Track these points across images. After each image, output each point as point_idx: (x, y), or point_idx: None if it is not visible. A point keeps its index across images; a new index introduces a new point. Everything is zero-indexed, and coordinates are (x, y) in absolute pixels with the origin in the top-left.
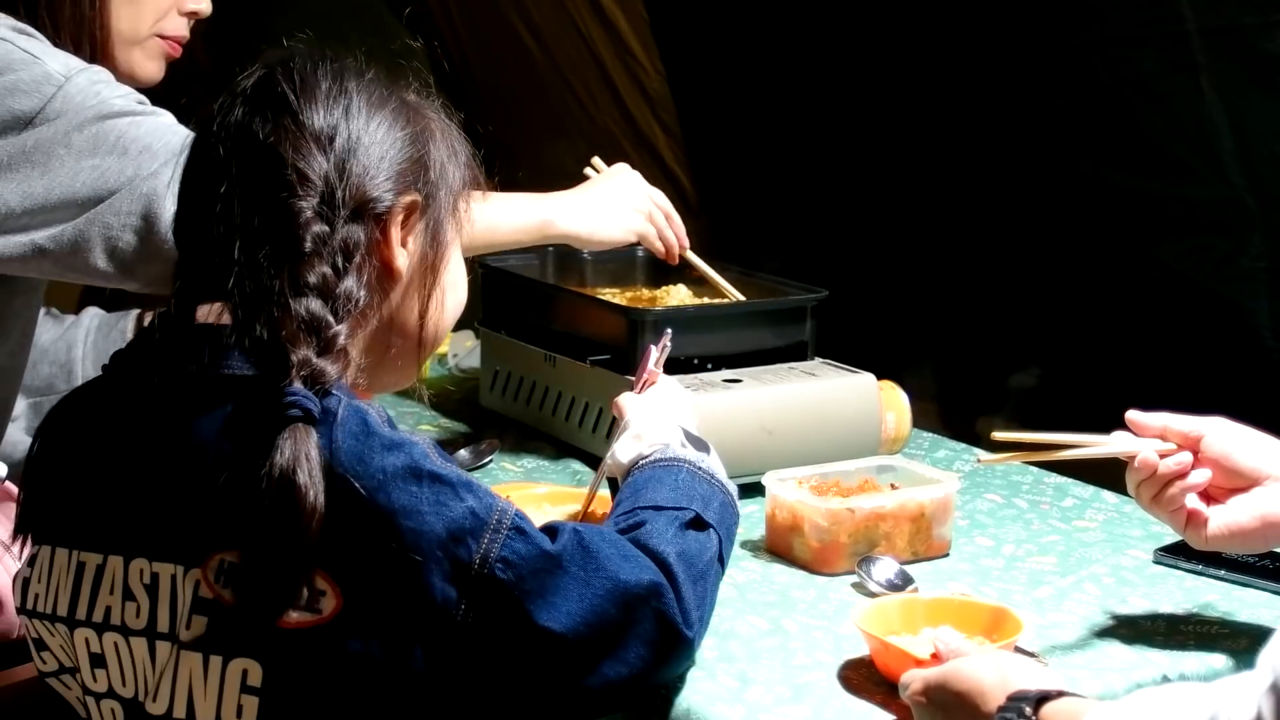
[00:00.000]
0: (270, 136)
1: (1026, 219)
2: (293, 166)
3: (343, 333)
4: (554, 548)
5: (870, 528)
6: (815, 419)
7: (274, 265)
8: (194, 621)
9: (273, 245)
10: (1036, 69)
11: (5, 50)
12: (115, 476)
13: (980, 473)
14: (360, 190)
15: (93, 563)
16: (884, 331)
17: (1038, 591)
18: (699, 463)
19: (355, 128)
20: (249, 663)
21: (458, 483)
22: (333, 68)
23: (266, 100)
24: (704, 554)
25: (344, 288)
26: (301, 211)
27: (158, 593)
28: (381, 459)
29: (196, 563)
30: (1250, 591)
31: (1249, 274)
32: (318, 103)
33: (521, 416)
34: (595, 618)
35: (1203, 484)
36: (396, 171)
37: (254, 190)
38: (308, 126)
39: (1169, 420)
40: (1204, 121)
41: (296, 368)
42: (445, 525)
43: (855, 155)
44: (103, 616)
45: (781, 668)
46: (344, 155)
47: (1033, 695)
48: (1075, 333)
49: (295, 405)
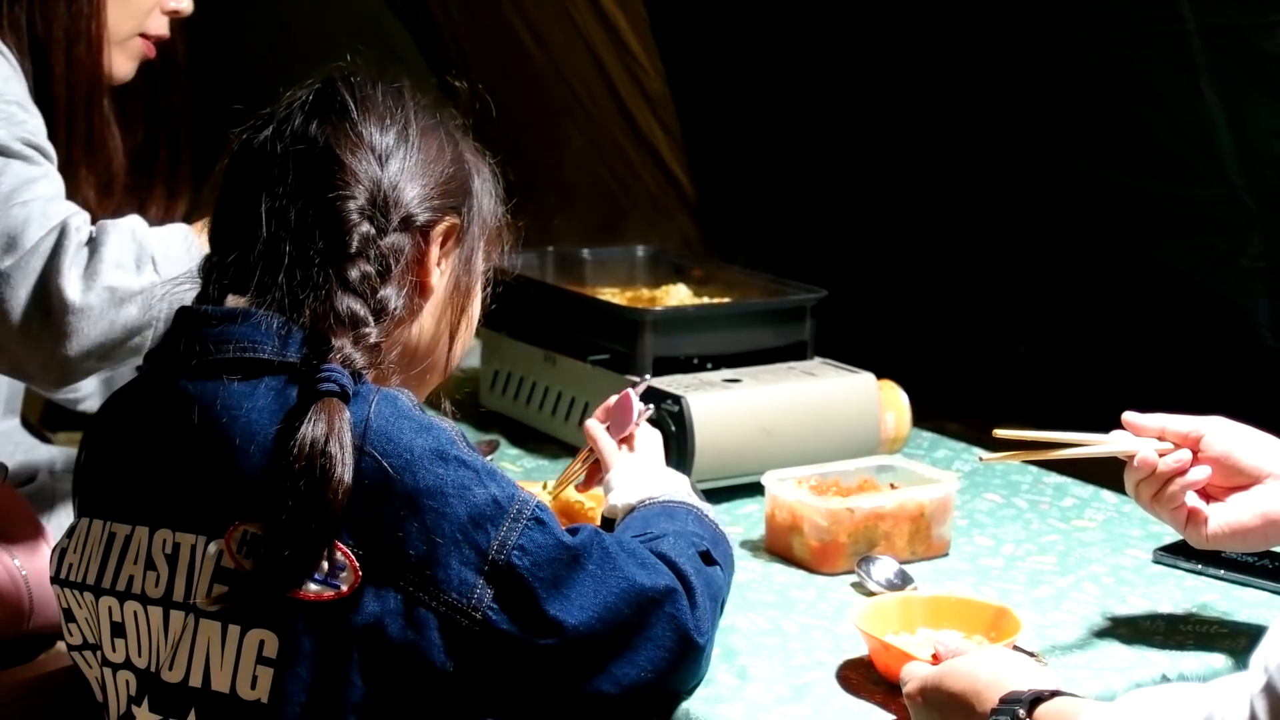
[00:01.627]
0: (328, 139)
1: (1026, 219)
2: (348, 169)
3: (375, 333)
4: (573, 541)
5: (870, 527)
6: (815, 419)
7: (322, 259)
8: (214, 590)
9: (323, 241)
10: (1036, 69)
11: None
12: (149, 451)
13: (979, 472)
14: (406, 201)
15: (122, 533)
16: (884, 331)
17: (1037, 591)
18: (706, 511)
19: (408, 143)
20: (265, 633)
21: (482, 470)
22: (389, 88)
23: (327, 107)
24: (715, 580)
25: (383, 293)
26: (350, 212)
27: (177, 562)
28: (410, 439)
29: (219, 533)
30: (1249, 591)
31: (1248, 274)
32: (374, 114)
33: (521, 416)
34: (609, 614)
35: (1203, 481)
36: (442, 191)
37: (308, 189)
38: (364, 134)
39: (1166, 421)
40: (1203, 121)
41: (334, 352)
42: (468, 509)
43: (855, 155)
44: (125, 585)
45: (781, 667)
46: (395, 167)
47: (1026, 696)
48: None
49: (330, 380)
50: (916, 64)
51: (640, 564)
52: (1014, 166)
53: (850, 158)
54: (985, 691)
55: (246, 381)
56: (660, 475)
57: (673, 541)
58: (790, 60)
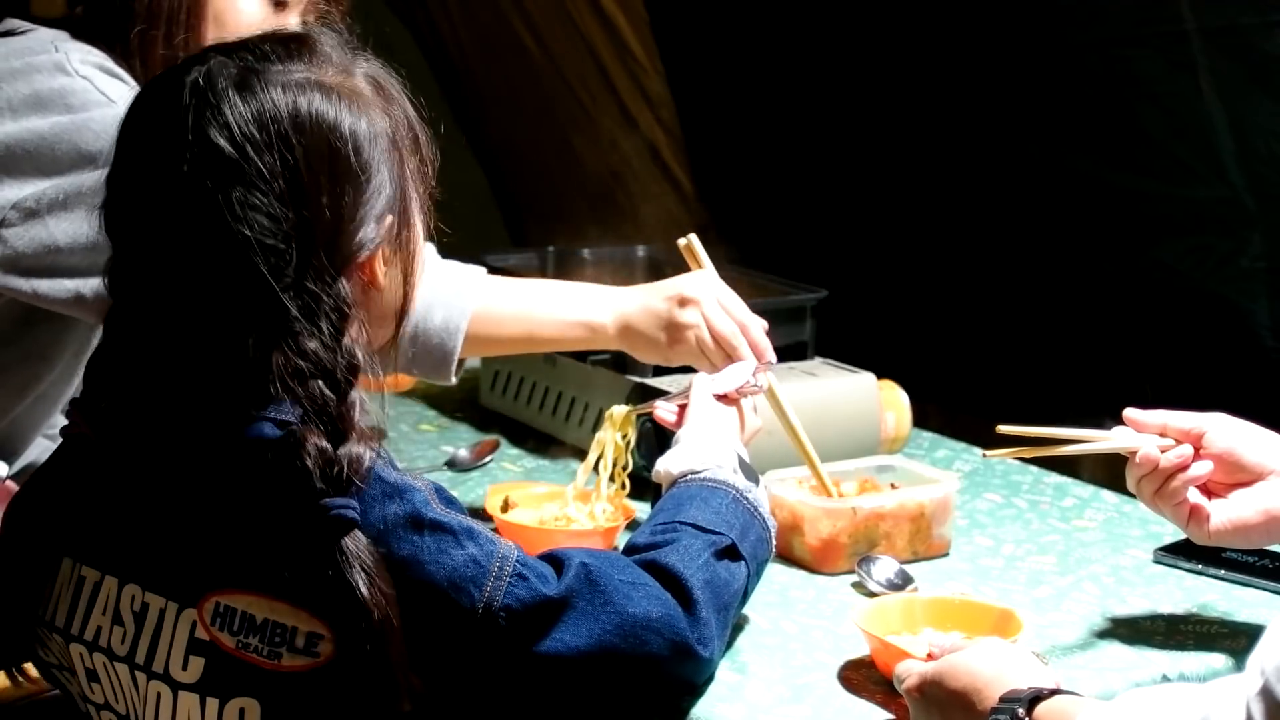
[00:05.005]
0: (226, 207)
1: (1026, 218)
2: (257, 243)
3: (356, 404)
4: (558, 590)
5: (870, 527)
6: (815, 419)
7: (261, 348)
8: (191, 662)
9: (257, 327)
10: (1037, 69)
11: (83, 88)
12: (121, 501)
13: (980, 472)
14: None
15: (91, 579)
16: (884, 331)
17: (1037, 591)
18: (746, 492)
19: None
20: (247, 701)
21: (459, 530)
22: (254, 95)
23: (210, 153)
24: (732, 584)
25: (344, 352)
26: (284, 283)
27: (144, 623)
28: (382, 508)
29: (191, 602)
30: (1250, 591)
31: (1248, 274)
32: (262, 153)
33: (521, 416)
34: (602, 651)
35: (1205, 476)
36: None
37: (217, 262)
38: (264, 189)
39: (1168, 417)
40: (1204, 121)
41: (314, 461)
42: (446, 575)
43: (855, 155)
44: (94, 635)
45: (781, 668)
46: (306, 210)
47: (1026, 695)
48: (1075, 332)
49: (337, 520)
50: (916, 64)
51: (630, 591)
52: (1014, 166)
53: (850, 158)
54: (986, 689)
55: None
56: (709, 446)
57: (684, 547)
58: (790, 60)
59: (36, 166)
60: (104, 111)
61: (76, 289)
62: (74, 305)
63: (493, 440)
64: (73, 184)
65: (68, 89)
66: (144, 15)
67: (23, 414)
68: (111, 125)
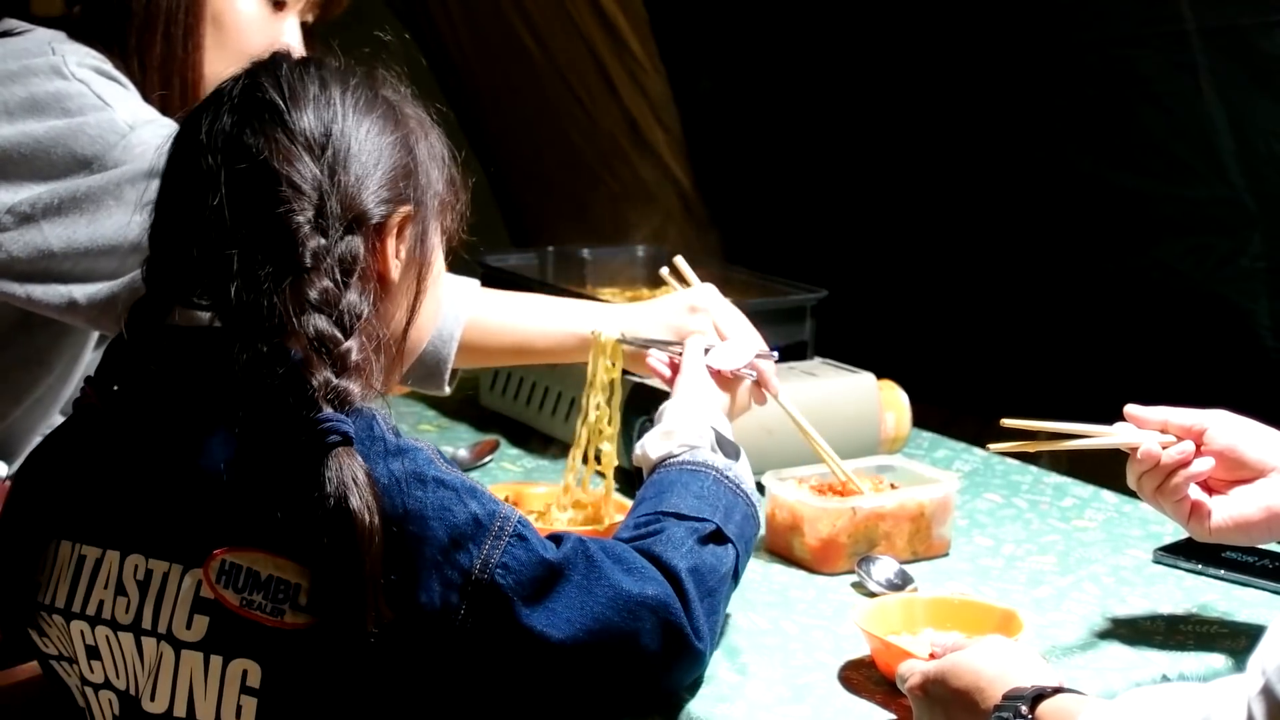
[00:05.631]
0: (264, 151)
1: (1026, 218)
2: (289, 181)
3: (354, 348)
4: (556, 555)
5: (870, 527)
6: (815, 419)
7: (274, 281)
8: (195, 621)
9: (272, 261)
10: (1037, 69)
11: (79, 92)
12: (123, 475)
13: (980, 472)
14: (356, 202)
15: (92, 556)
16: (884, 331)
17: (1037, 591)
18: (726, 470)
19: (346, 135)
20: (249, 663)
21: (462, 488)
22: (318, 73)
23: (257, 109)
24: (719, 569)
25: (347, 301)
26: (299, 226)
27: (148, 589)
28: (387, 464)
29: (197, 563)
30: (1250, 591)
31: (1248, 274)
32: (308, 111)
33: (521, 416)
34: (597, 625)
35: (1206, 472)
36: (389, 180)
37: (247, 203)
38: (300, 138)
39: (1169, 414)
40: (1204, 121)
41: (320, 391)
42: (448, 531)
43: (856, 155)
44: (95, 610)
45: (781, 668)
46: (336, 165)
47: (1028, 694)
48: (1075, 332)
49: (331, 430)
50: (917, 63)
51: (627, 570)
52: (1014, 166)
53: (851, 158)
54: (989, 688)
55: (222, 405)
56: (687, 425)
57: (670, 536)
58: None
59: (32, 170)
60: (100, 116)
61: (70, 294)
62: (67, 311)
63: (493, 440)
64: (68, 189)
65: (64, 92)
66: (141, 15)
67: (20, 417)
68: (108, 130)
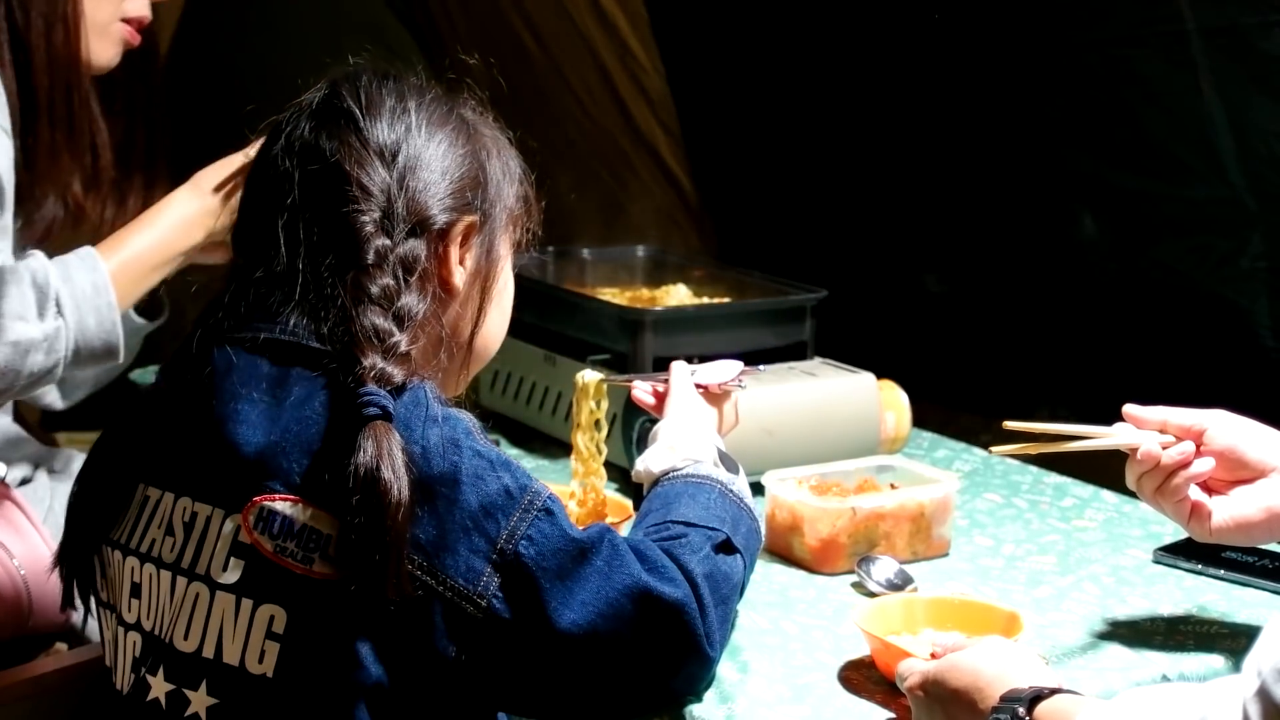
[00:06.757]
0: (336, 153)
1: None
2: (358, 182)
3: (403, 341)
4: (582, 536)
5: (870, 527)
6: (815, 419)
7: (337, 276)
8: (231, 564)
9: (336, 256)
10: (1036, 69)
11: None
12: (184, 418)
13: (980, 472)
14: (421, 207)
15: (154, 497)
16: (884, 331)
17: (1037, 591)
18: (730, 484)
19: (417, 145)
20: (276, 609)
21: (496, 460)
22: (396, 86)
23: (333, 115)
24: (731, 577)
25: (404, 302)
26: (364, 225)
27: (192, 530)
28: (426, 428)
29: (237, 508)
30: (1249, 591)
31: (1248, 274)
32: (382, 119)
33: (521, 416)
34: (612, 611)
35: (1207, 473)
36: (456, 189)
37: (318, 203)
38: (373, 143)
39: (1169, 414)
40: (1204, 121)
41: (368, 371)
42: (479, 498)
43: (855, 155)
44: (148, 547)
45: (782, 667)
46: (405, 172)
47: (1027, 694)
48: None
49: (372, 404)
50: (916, 63)
51: (651, 567)
52: (1014, 167)
53: (850, 158)
54: (988, 688)
55: (278, 366)
56: (688, 441)
57: (690, 541)
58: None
59: None
60: None
61: None
62: None
63: (493, 440)
64: None
65: None
66: None
67: None
68: None
